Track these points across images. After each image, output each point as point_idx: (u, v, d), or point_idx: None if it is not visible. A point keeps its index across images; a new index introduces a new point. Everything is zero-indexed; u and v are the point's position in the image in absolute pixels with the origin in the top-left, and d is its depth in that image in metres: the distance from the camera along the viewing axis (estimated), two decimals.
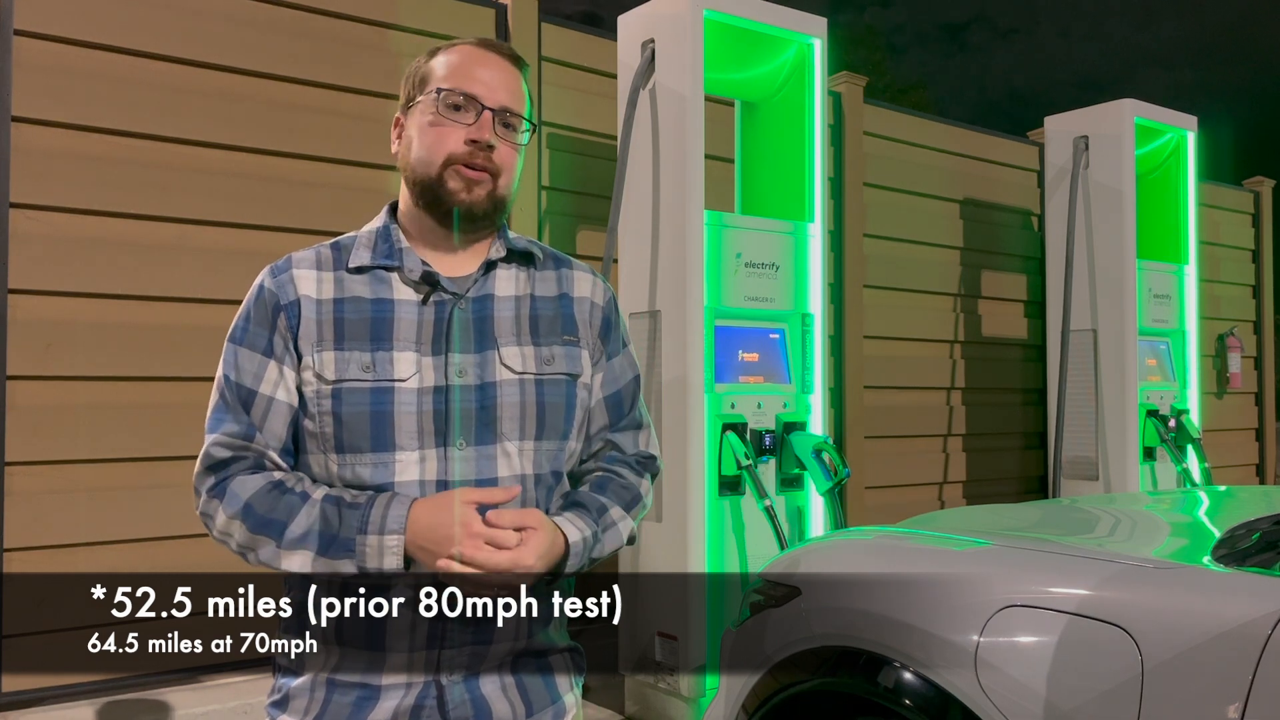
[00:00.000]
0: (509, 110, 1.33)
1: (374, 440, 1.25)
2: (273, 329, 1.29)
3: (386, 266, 1.32)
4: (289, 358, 1.29)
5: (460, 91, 1.31)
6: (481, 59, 1.34)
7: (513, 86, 1.34)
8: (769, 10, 3.66)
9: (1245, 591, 1.59)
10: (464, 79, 1.32)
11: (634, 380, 1.47)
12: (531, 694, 1.32)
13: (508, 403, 1.29)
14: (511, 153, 1.34)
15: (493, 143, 1.31)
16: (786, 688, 2.04)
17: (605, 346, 1.42)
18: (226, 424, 1.29)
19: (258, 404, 1.28)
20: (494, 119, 1.31)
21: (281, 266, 1.33)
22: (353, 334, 1.28)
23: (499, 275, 1.36)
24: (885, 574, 2.04)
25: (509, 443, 1.29)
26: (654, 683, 3.58)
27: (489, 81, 1.32)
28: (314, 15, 3.67)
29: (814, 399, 3.70)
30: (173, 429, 3.31)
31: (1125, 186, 4.97)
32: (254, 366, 1.29)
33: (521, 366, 1.31)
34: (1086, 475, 5.04)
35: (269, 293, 1.31)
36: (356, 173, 3.70)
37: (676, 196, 3.47)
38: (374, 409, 1.25)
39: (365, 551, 1.20)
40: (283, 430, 1.29)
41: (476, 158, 1.30)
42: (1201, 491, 3.98)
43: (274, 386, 1.29)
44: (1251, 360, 7.07)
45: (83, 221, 3.23)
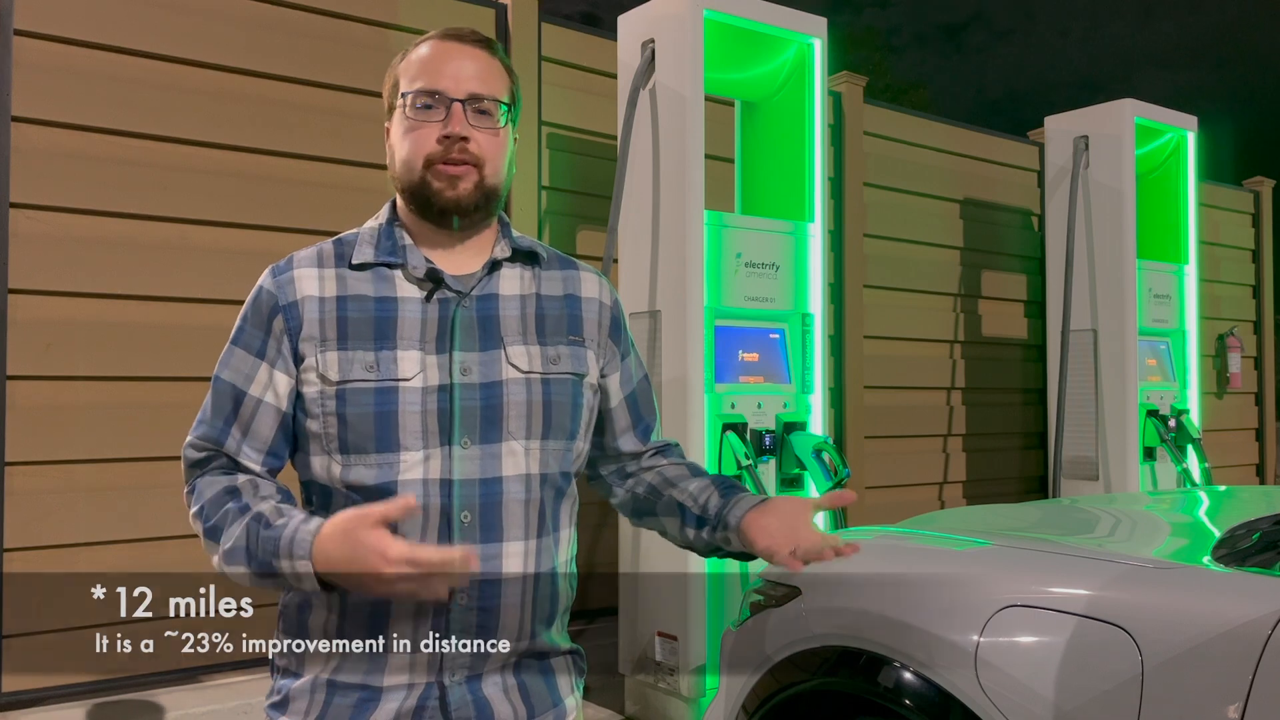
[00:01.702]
0: (479, 97, 1.30)
1: (379, 441, 1.24)
2: (268, 331, 1.28)
3: (390, 264, 1.31)
4: (282, 361, 1.28)
5: (425, 90, 1.29)
6: (444, 51, 1.32)
7: (482, 72, 1.31)
8: (769, 10, 3.65)
9: (1245, 591, 1.59)
10: (429, 76, 1.30)
11: (646, 380, 1.49)
12: (533, 696, 1.31)
13: (514, 401, 1.28)
14: (491, 139, 1.31)
15: (465, 134, 1.28)
16: (787, 688, 2.04)
17: (617, 347, 1.43)
18: (203, 427, 1.29)
19: (245, 405, 1.28)
20: (465, 109, 1.29)
21: (282, 267, 1.32)
22: (356, 333, 1.27)
23: (504, 274, 1.35)
24: (885, 574, 2.04)
25: (516, 441, 1.28)
26: (654, 683, 3.58)
27: (454, 73, 1.30)
28: (314, 15, 3.67)
29: (814, 399, 3.70)
30: (173, 429, 3.31)
31: (1125, 186, 4.97)
32: (246, 368, 1.29)
33: (528, 365, 1.31)
34: (1086, 475, 5.04)
35: (267, 294, 1.30)
36: (356, 173, 3.71)
37: (676, 196, 3.47)
38: (378, 409, 1.25)
39: (283, 574, 1.18)
40: (269, 433, 1.28)
41: (452, 152, 1.29)
42: (1201, 491, 3.99)
43: (263, 389, 1.28)
44: (1251, 360, 7.07)
45: (83, 221, 3.23)
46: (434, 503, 1.24)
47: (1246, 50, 51.14)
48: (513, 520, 1.27)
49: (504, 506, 1.26)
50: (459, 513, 1.25)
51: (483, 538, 1.25)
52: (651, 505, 1.43)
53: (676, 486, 1.42)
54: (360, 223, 1.40)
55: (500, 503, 1.26)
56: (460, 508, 1.25)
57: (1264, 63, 48.07)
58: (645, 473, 1.47)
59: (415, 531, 1.24)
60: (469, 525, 1.25)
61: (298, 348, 1.27)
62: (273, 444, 1.29)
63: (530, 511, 1.29)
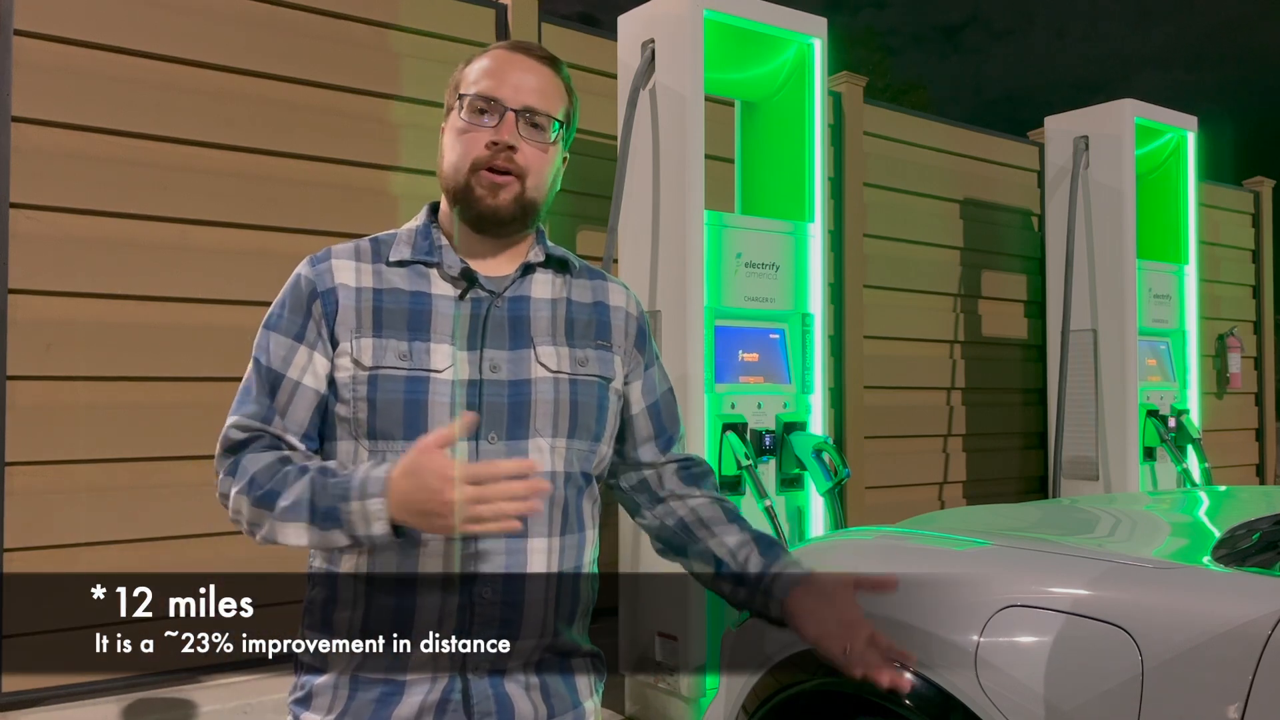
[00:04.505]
0: (534, 110, 1.32)
1: (407, 428, 1.25)
2: (307, 315, 1.30)
3: (426, 262, 1.33)
4: (321, 344, 1.29)
5: (484, 95, 1.31)
6: (509, 61, 1.34)
7: (542, 88, 1.34)
8: (769, 10, 3.66)
9: (1245, 591, 1.59)
10: (490, 82, 1.32)
11: (670, 392, 1.49)
12: (554, 696, 1.32)
13: (542, 399, 1.30)
14: (538, 154, 1.33)
15: (513, 143, 1.30)
16: (787, 688, 2.04)
17: (642, 357, 1.45)
18: (247, 406, 1.30)
19: (284, 388, 1.29)
20: (517, 120, 1.31)
21: (320, 257, 1.34)
22: (390, 323, 1.29)
23: (536, 278, 1.37)
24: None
25: (542, 439, 1.30)
26: (654, 683, 3.58)
27: (516, 83, 1.32)
28: (314, 15, 3.67)
29: (814, 399, 3.70)
30: (173, 429, 3.31)
31: (1125, 186, 4.97)
32: (284, 351, 1.30)
33: (557, 365, 1.32)
34: (1086, 475, 5.04)
35: (305, 280, 1.32)
36: (356, 173, 3.70)
37: (676, 196, 3.47)
38: (408, 397, 1.26)
39: (351, 519, 1.18)
40: (305, 416, 1.30)
41: (498, 160, 1.30)
42: (1201, 491, 3.99)
43: (302, 371, 1.29)
44: (1251, 360, 7.07)
45: (83, 221, 3.23)
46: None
47: (1246, 50, 51.14)
48: (537, 517, 1.28)
49: None
50: None
51: (507, 533, 1.26)
52: (683, 546, 1.43)
53: (713, 534, 1.41)
54: (359, 222, 1.41)
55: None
56: None
57: (1264, 63, 48.07)
58: (675, 502, 1.45)
59: None
60: None
61: (334, 332, 1.29)
62: (309, 427, 1.30)
63: (554, 509, 1.30)
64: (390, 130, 3.77)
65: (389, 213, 3.67)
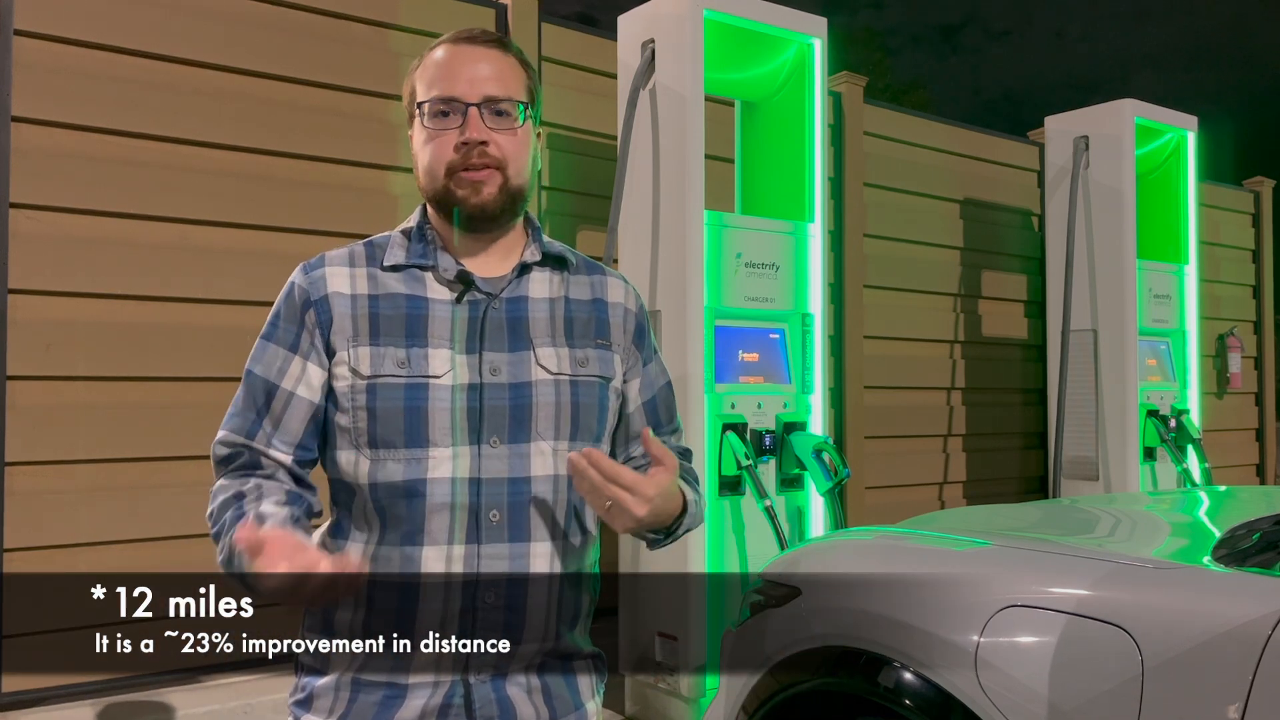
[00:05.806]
0: (495, 99, 1.29)
1: (408, 436, 1.25)
2: (300, 325, 1.29)
3: (421, 265, 1.32)
4: (315, 354, 1.29)
5: (441, 98, 1.29)
6: (457, 55, 1.31)
7: (498, 74, 1.31)
8: (769, 10, 3.66)
9: (1245, 591, 1.59)
10: (443, 83, 1.29)
11: (668, 386, 1.48)
12: (556, 699, 1.32)
13: (543, 402, 1.29)
14: (511, 140, 1.30)
15: (483, 138, 1.28)
16: (787, 688, 2.04)
17: (640, 352, 1.44)
18: (233, 420, 1.30)
19: (278, 398, 1.28)
20: (481, 113, 1.29)
21: (314, 264, 1.33)
22: (388, 330, 1.28)
23: (533, 277, 1.36)
24: (885, 574, 2.04)
25: (544, 442, 1.29)
26: (654, 683, 3.58)
27: (469, 76, 1.29)
28: (314, 15, 3.67)
29: (814, 399, 3.70)
30: (172, 429, 3.31)
31: (1125, 186, 4.97)
32: (278, 361, 1.29)
33: (557, 367, 1.32)
34: (1087, 475, 5.04)
35: (299, 289, 1.31)
36: (356, 173, 3.70)
37: (676, 196, 3.47)
38: (408, 404, 1.25)
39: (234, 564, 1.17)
40: (299, 427, 1.29)
41: (471, 158, 1.29)
42: (1201, 491, 3.99)
43: (296, 382, 1.28)
44: (1251, 360, 7.07)
45: (83, 221, 3.23)
46: (462, 501, 1.25)
47: (1242, 52, 51.18)
48: (540, 520, 1.28)
49: (532, 506, 1.27)
50: (487, 512, 1.25)
51: (510, 537, 1.26)
52: None
53: None
54: (359, 222, 1.41)
55: (528, 503, 1.27)
56: (488, 507, 1.25)
57: (1263, 63, 48.09)
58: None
59: (444, 530, 1.25)
60: (497, 524, 1.26)
61: (329, 341, 1.28)
62: (303, 437, 1.30)
63: (557, 512, 1.30)
64: (390, 130, 3.77)
65: (389, 213, 3.67)
